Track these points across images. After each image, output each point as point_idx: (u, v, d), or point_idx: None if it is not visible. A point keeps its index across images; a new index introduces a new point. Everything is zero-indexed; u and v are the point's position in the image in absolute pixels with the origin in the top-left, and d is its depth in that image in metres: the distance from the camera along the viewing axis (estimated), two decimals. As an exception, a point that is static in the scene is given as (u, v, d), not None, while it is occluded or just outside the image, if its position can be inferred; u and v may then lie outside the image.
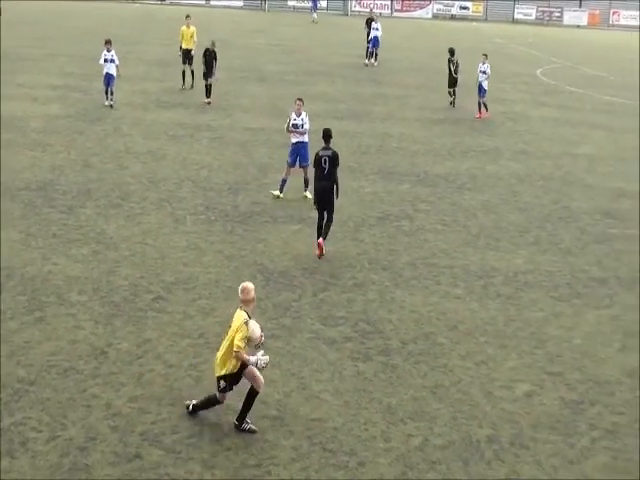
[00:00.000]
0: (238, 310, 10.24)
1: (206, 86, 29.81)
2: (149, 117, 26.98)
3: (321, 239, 15.84)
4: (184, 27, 33.07)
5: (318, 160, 16.19)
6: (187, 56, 32.19)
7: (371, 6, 70.25)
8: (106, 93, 28.34)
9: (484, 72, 30.49)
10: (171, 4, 75.24)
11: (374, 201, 19.62)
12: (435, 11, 78.97)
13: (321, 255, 15.77)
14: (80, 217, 17.24)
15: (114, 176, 20.25)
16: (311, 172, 17.26)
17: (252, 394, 10.22)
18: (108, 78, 28.08)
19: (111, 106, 27.92)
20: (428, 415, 10.77)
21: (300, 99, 19.75)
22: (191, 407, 10.46)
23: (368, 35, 43.29)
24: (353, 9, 78.07)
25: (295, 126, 19.51)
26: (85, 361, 11.50)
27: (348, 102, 31.84)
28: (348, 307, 13.80)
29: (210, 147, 23.67)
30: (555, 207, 20.14)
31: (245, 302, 10.22)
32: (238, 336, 9.88)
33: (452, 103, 32.24)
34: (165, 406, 10.54)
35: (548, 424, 10.71)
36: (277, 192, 19.43)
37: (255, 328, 10.16)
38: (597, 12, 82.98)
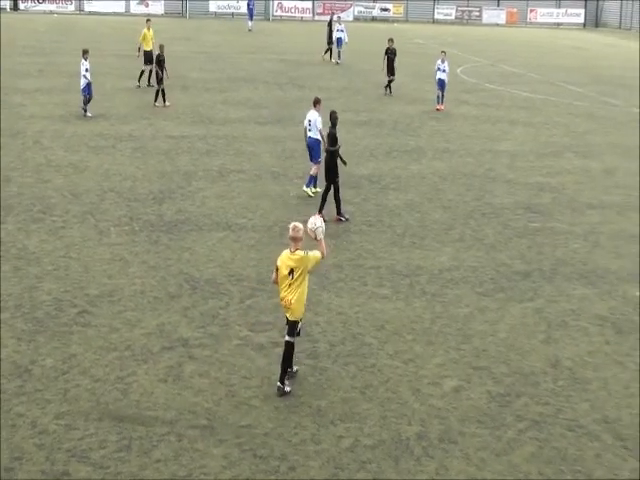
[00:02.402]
0: (288, 253, 11.16)
1: (163, 90, 30.74)
2: (70, 129, 26.62)
3: (337, 216, 18.41)
4: (145, 30, 35.64)
5: (333, 136, 18.59)
6: (149, 57, 34.29)
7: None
8: (85, 104, 28.34)
9: (444, 70, 32.47)
10: (90, 14, 74.36)
11: (299, 205, 19.65)
12: (356, 13, 79.44)
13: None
14: (0, 233, 16.93)
15: (35, 190, 19.93)
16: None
17: (288, 347, 11.24)
18: (89, 88, 28.12)
19: (86, 115, 28.30)
20: (358, 416, 10.82)
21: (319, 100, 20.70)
22: (284, 385, 11.23)
23: (329, 35, 46.72)
24: (274, 14, 78.14)
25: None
26: (8, 380, 11.29)
27: (271, 107, 31.87)
28: (276, 312, 13.75)
29: (133, 157, 23.45)
30: (478, 203, 20.43)
31: (296, 240, 11.17)
32: (315, 263, 11.23)
33: (388, 89, 35.01)
34: (92, 421, 10.40)
35: (476, 418, 10.85)
36: (310, 190, 20.12)
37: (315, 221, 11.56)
38: (515, 10, 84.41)
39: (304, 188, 20.32)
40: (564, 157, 25.77)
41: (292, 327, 11.30)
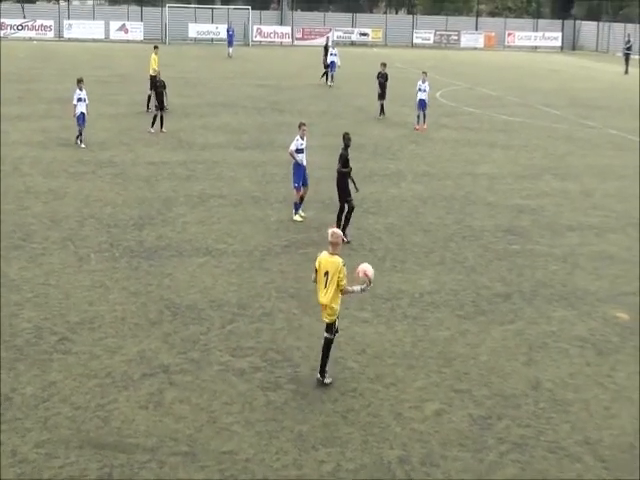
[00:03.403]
0: (327, 255, 11.87)
1: (161, 117, 30.88)
2: (49, 155, 26.58)
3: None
4: (153, 55, 36.02)
5: (345, 158, 19.19)
6: (154, 82, 34.00)
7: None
8: (80, 134, 27.94)
9: (425, 90, 33.36)
10: (69, 40, 74.49)
11: (280, 229, 19.68)
12: (335, 38, 79.89)
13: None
14: (-20, 261, 16.85)
15: (14, 217, 19.86)
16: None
17: (327, 343, 12.01)
18: (83, 118, 27.69)
19: (80, 147, 27.79)
20: (339, 440, 10.80)
21: (304, 123, 20.63)
22: (324, 377, 12.09)
23: (325, 59, 48.43)
24: (254, 39, 78.54)
25: (301, 150, 20.11)
26: (-12, 408, 11.21)
27: (251, 132, 31.96)
28: (257, 337, 13.78)
29: (113, 183, 23.43)
30: (458, 226, 20.52)
31: (335, 245, 11.89)
32: (342, 276, 11.73)
33: (383, 113, 35.79)
34: (73, 449, 10.32)
35: (457, 441, 10.85)
36: (297, 216, 20.18)
37: (365, 267, 12.12)
38: (493, 34, 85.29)
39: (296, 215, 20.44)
40: (543, 179, 25.95)
41: (329, 327, 12.08)
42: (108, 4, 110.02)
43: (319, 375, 12.23)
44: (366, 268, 12.16)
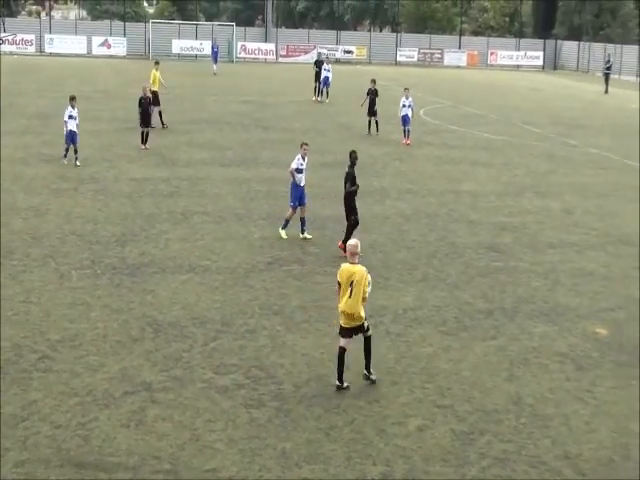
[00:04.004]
0: (349, 265, 12.48)
1: (147, 133, 30.95)
2: (30, 172, 26.51)
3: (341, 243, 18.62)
4: (154, 71, 36.22)
5: (352, 176, 19.36)
6: (157, 98, 34.87)
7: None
8: (67, 151, 27.53)
9: (409, 106, 34.08)
10: (51, 55, 74.41)
11: (264, 246, 19.70)
12: (321, 56, 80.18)
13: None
14: (-39, 278, 16.77)
15: (-4, 234, 19.78)
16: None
17: (369, 341, 12.73)
18: (72, 136, 27.35)
19: (76, 165, 27.36)
20: (323, 456, 10.80)
21: (306, 143, 20.57)
22: (370, 373, 12.76)
23: (316, 75, 48.60)
24: (238, 56, 78.74)
25: (300, 171, 20.11)
26: (-32, 427, 11.14)
27: (235, 149, 32.02)
28: (240, 354, 13.77)
29: (95, 199, 23.39)
30: (441, 243, 20.60)
31: (354, 255, 12.54)
32: (367, 283, 12.40)
33: (370, 130, 36.23)
34: (53, 469, 10.26)
35: (440, 456, 10.88)
36: (283, 232, 20.26)
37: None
38: (476, 53, 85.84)
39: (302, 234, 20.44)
40: (525, 197, 26.10)
41: (361, 328, 12.66)
42: (91, 19, 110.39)
43: (365, 371, 12.80)
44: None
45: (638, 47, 77.91)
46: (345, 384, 12.63)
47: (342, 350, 12.61)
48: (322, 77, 48.19)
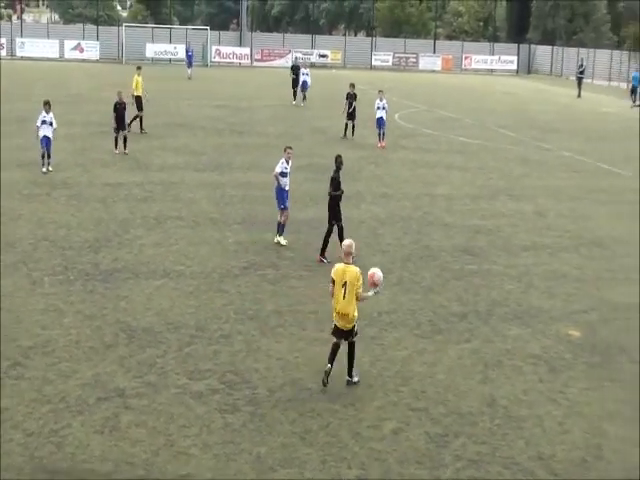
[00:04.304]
0: (343, 265, 12.66)
1: (124, 137, 30.69)
2: (2, 176, 26.23)
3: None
4: (136, 76, 36.22)
5: (336, 180, 19.34)
6: (140, 103, 35.22)
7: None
8: (43, 157, 27.10)
9: (383, 108, 34.40)
10: (22, 59, 73.94)
11: (238, 251, 19.66)
12: (293, 60, 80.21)
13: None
14: None
15: (-32, 240, 19.61)
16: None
17: (353, 346, 12.77)
18: (46, 141, 26.96)
19: (49, 170, 27.00)
20: (298, 460, 10.80)
21: (290, 147, 20.40)
22: (352, 377, 12.83)
23: (294, 80, 48.81)
24: (212, 60, 78.61)
25: (285, 174, 19.94)
26: (-61, 435, 11.03)
27: (209, 153, 31.95)
28: (215, 359, 13.73)
29: (68, 205, 23.25)
30: (416, 247, 20.65)
31: (349, 255, 12.75)
32: (359, 284, 12.49)
33: (346, 134, 36.49)
34: (26, 476, 10.18)
35: (415, 459, 10.91)
36: (282, 238, 20.15)
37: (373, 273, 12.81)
38: (450, 57, 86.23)
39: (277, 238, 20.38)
40: (499, 200, 26.22)
41: (351, 332, 12.78)
42: (63, 23, 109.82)
43: (347, 377, 12.88)
44: (374, 273, 12.84)
45: (610, 51, 78.57)
46: (355, 379, 12.92)
47: (336, 345, 12.90)
48: (301, 81, 48.42)
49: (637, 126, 46.66)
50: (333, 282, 12.75)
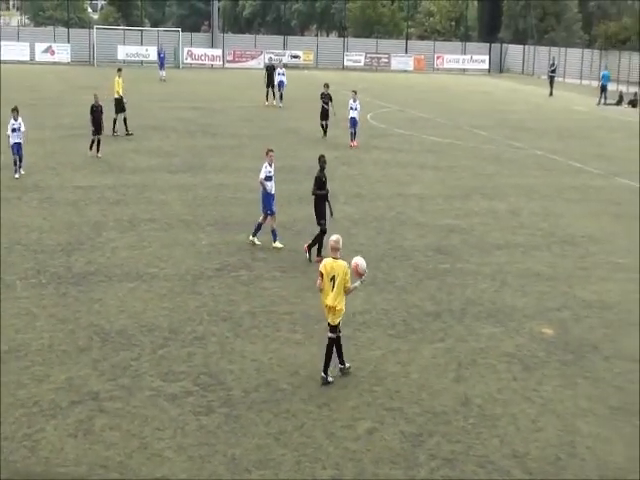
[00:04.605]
0: (331, 260, 12.89)
1: (98, 140, 30.49)
2: (-27, 182, 26.08)
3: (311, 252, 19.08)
4: (117, 78, 36.11)
5: (320, 180, 19.13)
6: (121, 104, 35.14)
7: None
8: (15, 164, 26.72)
9: (356, 109, 34.73)
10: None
11: (211, 253, 19.63)
12: (267, 61, 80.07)
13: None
14: None
15: (-61, 245, 19.45)
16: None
17: (339, 340, 13.07)
18: (17, 148, 26.64)
19: (21, 174, 26.74)
20: (273, 462, 10.81)
21: (271, 150, 20.26)
22: (327, 377, 12.89)
23: (268, 81, 48.73)
24: (185, 61, 78.35)
25: (269, 178, 19.89)
26: None
27: (182, 155, 31.85)
28: (189, 361, 13.71)
29: (40, 208, 23.10)
30: (389, 247, 20.71)
31: (336, 250, 12.96)
32: (348, 279, 12.74)
33: (325, 134, 36.69)
34: (-1, 480, 10.14)
35: (389, 459, 10.94)
36: (277, 243, 20.13)
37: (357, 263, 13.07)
38: (422, 57, 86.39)
39: (250, 237, 20.35)
40: (472, 199, 26.35)
41: (335, 328, 13.01)
42: (34, 25, 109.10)
43: (323, 373, 12.96)
44: (358, 264, 13.08)
45: (582, 50, 79.14)
46: (329, 378, 13.01)
47: (331, 340, 13.10)
48: (277, 81, 48.39)
49: (608, 125, 47.15)
50: (321, 276, 12.95)
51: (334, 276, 12.83)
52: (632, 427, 12.01)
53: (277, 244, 20.15)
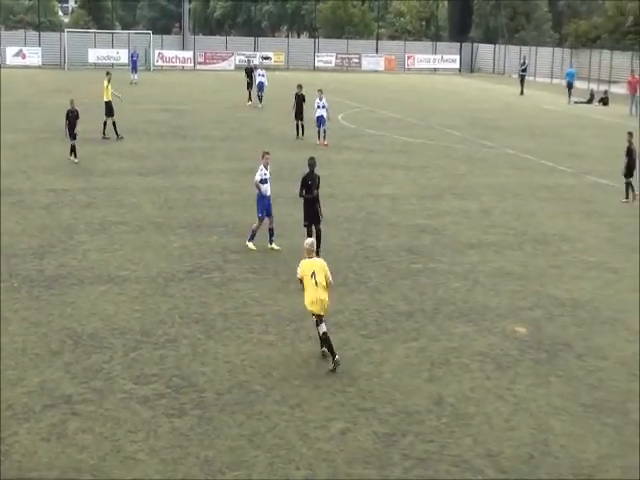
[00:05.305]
0: (307, 260, 13.79)
1: (73, 146, 30.04)
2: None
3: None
4: (106, 82, 35.58)
5: (305, 182, 19.19)
6: (109, 108, 34.98)
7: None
8: None
9: (323, 107, 35.38)
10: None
11: (183, 255, 19.58)
12: (238, 62, 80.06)
13: None
14: None
15: None
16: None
17: (327, 335, 13.68)
18: None
19: None
20: (246, 463, 10.81)
21: (268, 152, 20.34)
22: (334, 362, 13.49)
23: (249, 83, 49.74)
24: (155, 64, 78.07)
25: (265, 181, 19.85)
26: None
27: (154, 158, 31.73)
28: (161, 364, 13.67)
29: (11, 211, 22.93)
30: (361, 247, 20.75)
31: (311, 252, 13.99)
32: (327, 271, 13.72)
33: (298, 134, 36.95)
34: (-29, 486, 10.06)
35: (363, 459, 10.96)
36: (251, 244, 19.96)
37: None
38: (393, 57, 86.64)
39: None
40: (444, 199, 26.45)
41: (321, 319, 13.65)
42: (4, 29, 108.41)
43: (332, 363, 13.52)
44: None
45: (552, 49, 79.67)
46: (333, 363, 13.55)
47: (325, 334, 13.67)
48: (257, 82, 48.84)
49: (579, 123, 47.49)
50: (301, 281, 13.75)
51: (314, 272, 13.51)
52: (605, 425, 12.10)
53: (273, 245, 20.07)
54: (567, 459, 11.20)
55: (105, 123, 35.48)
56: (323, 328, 13.65)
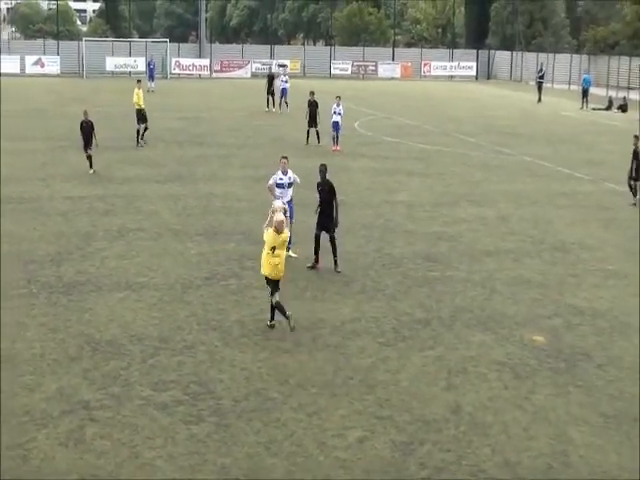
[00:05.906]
0: (275, 234, 15.00)
1: (89, 156, 29.73)
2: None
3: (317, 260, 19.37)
4: (137, 90, 36.67)
5: (317, 189, 19.59)
6: (141, 115, 35.60)
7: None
8: None
9: (339, 113, 35.77)
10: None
11: (201, 262, 19.62)
12: (254, 70, 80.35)
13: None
14: None
15: None
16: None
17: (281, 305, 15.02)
18: None
19: None
20: (263, 471, 10.78)
21: (285, 157, 20.06)
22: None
23: (269, 88, 50.82)
24: (172, 72, 78.42)
25: (281, 185, 19.66)
26: None
27: (170, 165, 31.85)
28: (178, 370, 13.69)
29: (30, 218, 23.06)
30: (378, 255, 20.72)
31: (282, 227, 15.09)
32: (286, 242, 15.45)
33: (309, 141, 37.12)
34: (-11, 492, 10.10)
35: (380, 468, 10.93)
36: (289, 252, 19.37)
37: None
38: (409, 64, 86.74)
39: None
40: (460, 206, 26.40)
41: (278, 283, 15.26)
42: (24, 38, 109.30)
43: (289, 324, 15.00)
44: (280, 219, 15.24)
45: (570, 55, 79.47)
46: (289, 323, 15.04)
47: (278, 303, 15.02)
48: (280, 89, 49.88)
49: (596, 129, 47.33)
50: (272, 249, 15.05)
51: (274, 247, 14.95)
52: (625, 436, 12.01)
53: (290, 252, 19.94)
54: (586, 470, 11.08)
55: (138, 131, 35.91)
56: (277, 298, 14.95)
